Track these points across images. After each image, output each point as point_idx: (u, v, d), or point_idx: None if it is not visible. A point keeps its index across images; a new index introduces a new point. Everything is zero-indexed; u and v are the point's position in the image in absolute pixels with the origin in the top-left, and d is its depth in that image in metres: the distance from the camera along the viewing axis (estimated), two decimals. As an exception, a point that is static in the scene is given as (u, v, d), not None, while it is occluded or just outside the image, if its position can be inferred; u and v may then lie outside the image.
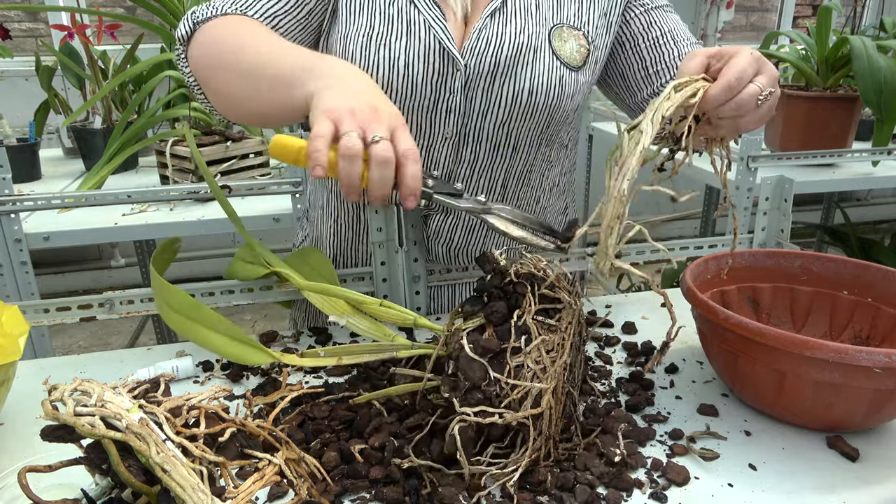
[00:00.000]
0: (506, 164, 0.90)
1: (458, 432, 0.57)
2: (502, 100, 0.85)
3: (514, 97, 0.85)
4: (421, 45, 0.82)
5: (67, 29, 1.66)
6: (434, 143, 0.87)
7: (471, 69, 0.83)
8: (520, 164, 0.91)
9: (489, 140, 0.88)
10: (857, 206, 3.96)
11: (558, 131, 0.92)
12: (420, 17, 0.83)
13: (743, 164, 1.57)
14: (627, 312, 0.97)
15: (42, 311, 0.85)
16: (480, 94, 0.85)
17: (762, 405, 0.72)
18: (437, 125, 0.86)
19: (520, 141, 0.89)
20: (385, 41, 0.83)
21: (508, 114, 0.86)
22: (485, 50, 0.83)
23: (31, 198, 1.25)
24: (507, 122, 0.87)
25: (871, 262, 0.82)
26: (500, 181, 0.92)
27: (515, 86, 0.85)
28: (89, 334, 2.87)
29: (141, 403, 0.54)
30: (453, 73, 0.83)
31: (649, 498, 0.60)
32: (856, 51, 1.55)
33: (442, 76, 0.83)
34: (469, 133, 0.87)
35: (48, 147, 2.02)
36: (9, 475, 0.63)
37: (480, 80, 0.84)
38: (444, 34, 0.83)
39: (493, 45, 0.83)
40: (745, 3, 3.70)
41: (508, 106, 0.85)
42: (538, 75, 0.85)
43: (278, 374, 0.80)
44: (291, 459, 0.58)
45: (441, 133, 0.86)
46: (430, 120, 0.86)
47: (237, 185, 1.33)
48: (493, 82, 0.84)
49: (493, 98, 0.85)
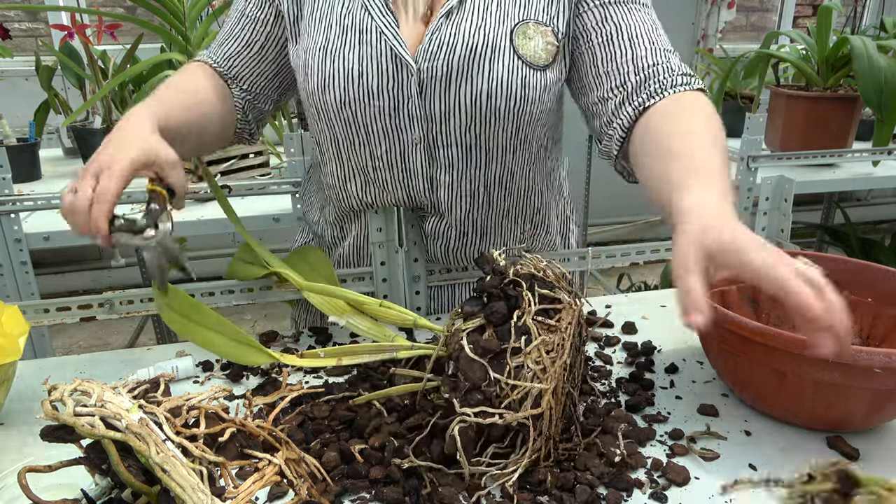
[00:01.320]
0: (482, 167, 0.88)
1: (458, 433, 0.57)
2: (460, 103, 0.82)
3: (472, 100, 0.82)
4: (374, 53, 0.81)
5: (67, 29, 1.66)
6: (405, 148, 0.86)
7: (424, 73, 0.81)
8: (497, 167, 0.88)
9: (459, 144, 0.85)
10: (857, 206, 3.96)
11: (532, 133, 0.88)
12: (373, 25, 0.82)
13: (743, 164, 1.57)
14: (627, 312, 0.97)
15: (42, 311, 0.85)
16: (438, 98, 0.82)
17: (762, 405, 0.72)
18: (403, 130, 0.85)
19: (491, 144, 0.86)
20: (339, 52, 0.83)
21: (470, 118, 0.83)
22: (437, 53, 0.81)
23: (31, 198, 1.25)
24: (472, 126, 0.84)
25: (872, 262, 0.82)
26: (481, 185, 0.89)
27: (473, 89, 0.81)
28: (89, 334, 2.87)
29: (141, 403, 0.54)
30: (408, 78, 0.82)
31: (649, 498, 0.60)
32: (856, 51, 1.55)
33: (397, 82, 0.82)
34: (437, 137, 0.85)
35: (48, 147, 2.02)
36: (9, 475, 0.63)
37: (435, 83, 0.82)
38: (396, 39, 0.81)
39: (444, 47, 0.81)
40: (746, 3, 3.70)
41: (468, 109, 0.82)
42: (496, 77, 0.81)
43: (278, 374, 0.80)
44: (291, 459, 0.58)
45: (408, 138, 0.85)
46: (394, 126, 0.84)
47: (237, 185, 1.34)
48: (448, 86, 0.82)
49: (451, 102, 0.82)
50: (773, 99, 1.81)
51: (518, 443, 0.60)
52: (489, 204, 0.91)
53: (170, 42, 1.73)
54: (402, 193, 0.89)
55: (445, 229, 0.92)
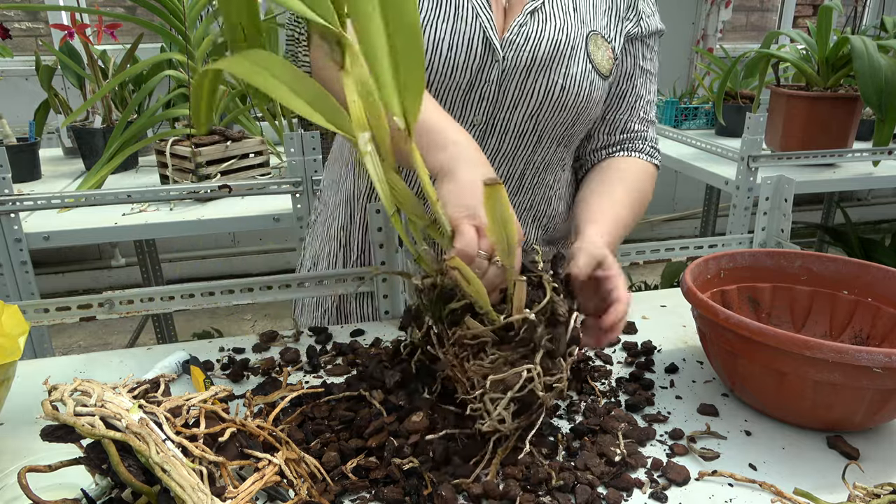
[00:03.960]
0: (526, 155, 0.92)
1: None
2: (534, 94, 0.87)
3: (546, 92, 0.86)
4: (467, 30, 0.84)
5: (67, 28, 1.66)
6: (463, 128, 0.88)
7: (508, 62, 0.85)
8: (538, 158, 0.93)
9: (515, 131, 0.89)
10: (857, 205, 3.96)
11: (579, 133, 0.94)
12: (469, 4, 0.84)
13: (743, 164, 1.57)
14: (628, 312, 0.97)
15: (42, 311, 0.85)
16: (514, 86, 0.86)
17: (762, 405, 0.72)
18: (469, 111, 0.87)
19: (544, 135, 0.90)
20: (433, 22, 0.84)
21: (539, 107, 0.87)
22: (524, 45, 0.85)
23: (31, 198, 1.25)
24: (536, 115, 0.88)
25: (872, 262, 0.82)
26: (518, 172, 0.93)
27: (549, 81, 0.86)
28: (89, 334, 2.87)
29: (141, 403, 0.54)
30: (491, 63, 0.85)
31: (649, 498, 0.60)
32: (856, 50, 1.55)
33: (481, 64, 0.85)
34: (497, 123, 0.88)
35: (48, 147, 2.02)
36: (9, 475, 0.63)
37: (516, 73, 0.86)
38: (490, 24, 0.84)
39: (532, 41, 0.85)
40: (746, 2, 3.69)
41: (540, 100, 0.87)
42: (572, 74, 0.86)
43: (278, 373, 0.80)
44: (291, 459, 0.58)
45: (470, 119, 0.88)
46: (462, 104, 0.87)
47: (237, 185, 1.34)
48: (527, 76, 0.86)
49: (525, 91, 0.86)
50: (773, 99, 1.81)
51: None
52: (516, 192, 0.94)
53: (170, 42, 1.73)
54: None
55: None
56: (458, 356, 0.63)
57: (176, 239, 2.99)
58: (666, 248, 1.04)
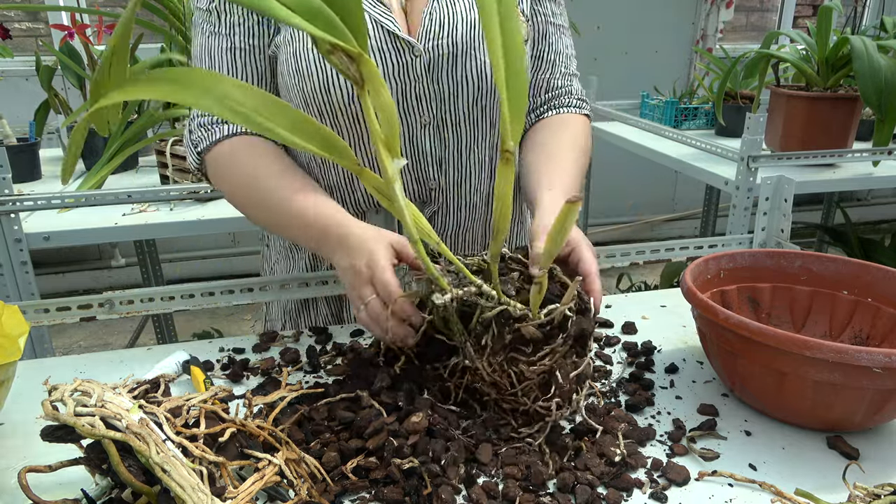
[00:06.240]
0: (487, 141, 0.92)
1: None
2: (468, 78, 0.86)
3: (479, 74, 0.86)
4: (374, 43, 0.83)
5: (67, 29, 1.66)
6: (414, 132, 0.88)
7: (430, 52, 0.84)
8: (499, 141, 0.92)
9: (466, 119, 0.89)
10: (857, 206, 3.96)
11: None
12: (365, 17, 0.82)
13: (743, 164, 1.56)
14: (627, 312, 0.97)
15: (42, 311, 0.85)
16: (446, 76, 0.86)
17: (762, 405, 0.72)
18: (412, 113, 0.87)
19: (495, 117, 0.91)
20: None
21: (478, 91, 0.87)
22: (439, 32, 0.84)
23: (31, 198, 1.25)
24: (479, 100, 0.88)
25: (872, 262, 0.82)
26: (487, 158, 0.93)
27: (478, 63, 0.86)
28: (89, 334, 2.87)
29: (141, 403, 0.54)
30: (413, 61, 0.84)
31: (649, 498, 0.60)
32: (856, 51, 1.54)
33: (403, 66, 0.84)
34: (446, 117, 0.88)
35: (48, 147, 2.02)
36: (9, 475, 0.63)
37: (443, 62, 0.85)
38: (394, 25, 0.83)
39: (446, 26, 0.85)
40: (746, 3, 3.69)
41: (476, 83, 0.87)
42: None
43: (278, 374, 0.80)
44: (291, 459, 0.58)
45: (418, 121, 0.87)
46: (403, 110, 0.87)
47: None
48: (455, 62, 0.85)
49: (458, 78, 0.86)
50: (773, 99, 1.81)
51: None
52: (492, 176, 0.94)
53: (170, 42, 1.73)
54: (411, 180, 0.90)
55: (444, 219, 0.93)
56: (500, 361, 0.64)
57: (176, 239, 2.99)
58: (666, 249, 1.04)
